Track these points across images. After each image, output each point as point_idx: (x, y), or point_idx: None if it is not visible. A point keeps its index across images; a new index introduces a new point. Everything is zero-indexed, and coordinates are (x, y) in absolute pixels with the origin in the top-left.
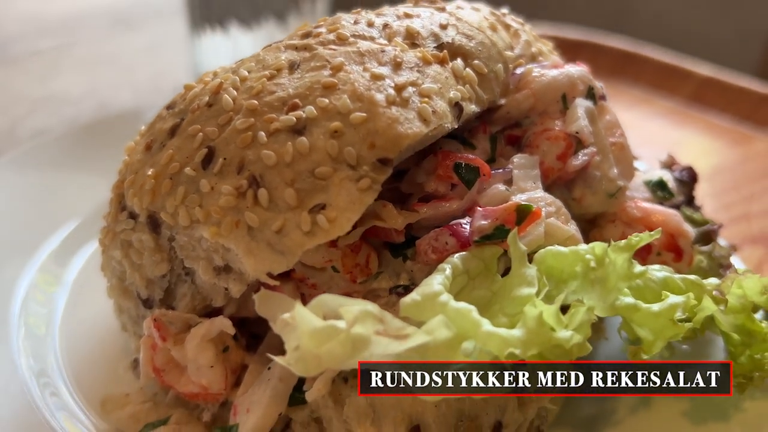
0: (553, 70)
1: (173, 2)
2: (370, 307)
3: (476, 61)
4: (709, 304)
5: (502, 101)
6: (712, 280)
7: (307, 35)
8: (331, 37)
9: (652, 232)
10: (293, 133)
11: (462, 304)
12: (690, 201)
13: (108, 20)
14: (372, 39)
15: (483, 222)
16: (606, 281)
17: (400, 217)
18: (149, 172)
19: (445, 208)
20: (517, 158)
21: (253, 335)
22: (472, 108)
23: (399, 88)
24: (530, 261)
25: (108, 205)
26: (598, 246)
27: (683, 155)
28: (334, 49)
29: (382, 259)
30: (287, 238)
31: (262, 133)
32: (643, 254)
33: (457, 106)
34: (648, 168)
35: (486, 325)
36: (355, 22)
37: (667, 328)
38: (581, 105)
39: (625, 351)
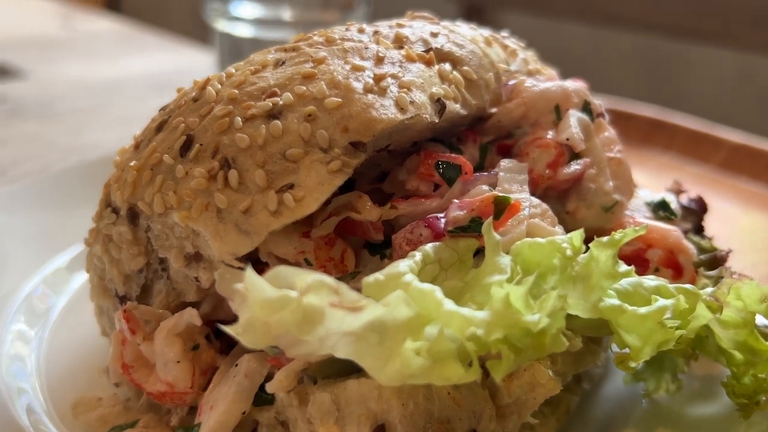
0: (548, 82)
1: (210, 68)
2: (327, 278)
3: (465, 67)
4: (704, 311)
5: (494, 110)
6: (708, 289)
7: (299, 40)
8: (320, 39)
9: (636, 228)
10: (269, 118)
11: (426, 285)
12: (698, 230)
13: (146, 84)
14: (360, 42)
15: (458, 212)
16: (588, 278)
17: (376, 210)
18: (132, 164)
19: (424, 205)
20: (505, 162)
21: (230, 344)
22: (456, 107)
23: (378, 78)
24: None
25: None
26: (576, 235)
27: (713, 219)
28: (319, 48)
29: (361, 259)
30: (254, 218)
31: (239, 119)
32: (640, 269)
33: (438, 102)
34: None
35: (448, 304)
36: (347, 29)
37: (655, 333)
38: (574, 115)
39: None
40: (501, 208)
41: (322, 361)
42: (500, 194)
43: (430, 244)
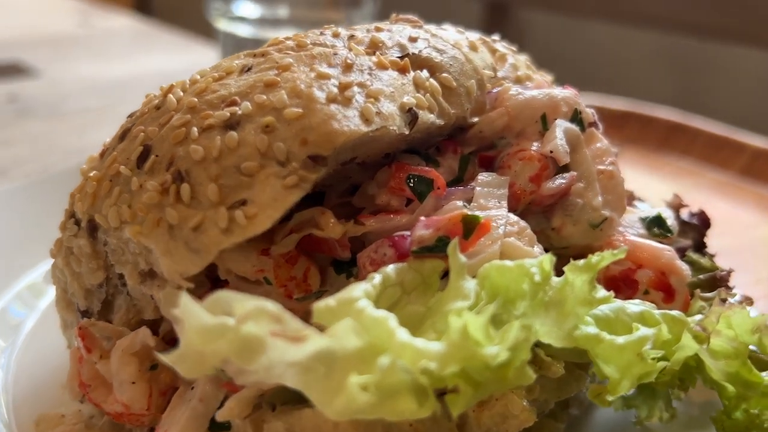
0: (534, 90)
1: None
2: (268, 304)
3: (444, 74)
4: (690, 342)
5: (475, 120)
6: (698, 316)
7: (271, 45)
8: (292, 44)
9: (615, 251)
10: (225, 129)
11: (380, 312)
12: (700, 247)
13: (157, 83)
14: (332, 47)
15: (424, 231)
16: (563, 305)
17: (339, 227)
18: (92, 175)
19: (393, 221)
20: (483, 176)
21: None
22: (430, 118)
23: (344, 87)
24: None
25: None
26: (545, 259)
27: (729, 228)
28: (287, 53)
29: (328, 278)
30: (204, 236)
31: (195, 129)
32: (628, 291)
33: (410, 112)
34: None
35: (401, 334)
36: (321, 33)
37: (634, 365)
38: (561, 125)
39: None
40: (470, 227)
41: (279, 387)
42: (469, 212)
43: (392, 266)
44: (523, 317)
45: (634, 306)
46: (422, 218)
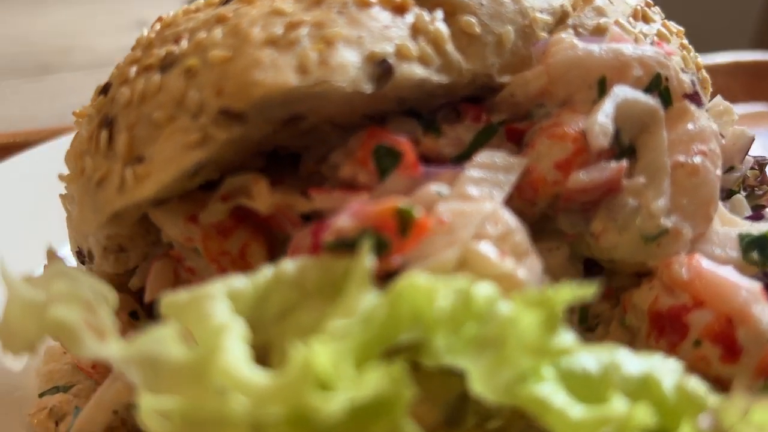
0: (595, 44)
1: None
2: (87, 289)
3: (466, 17)
4: None
5: (506, 78)
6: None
7: None
8: None
9: (586, 287)
10: (159, 70)
11: (227, 319)
12: None
13: None
14: None
15: (345, 222)
16: (502, 346)
17: (269, 199)
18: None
19: (343, 202)
20: (485, 156)
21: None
22: (418, 73)
23: (291, 26)
24: None
25: None
26: (463, 280)
27: None
28: None
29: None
30: (103, 193)
31: (134, 68)
32: (674, 337)
33: (382, 65)
34: None
35: (232, 353)
36: None
37: None
38: (618, 95)
39: None
40: (405, 225)
41: None
42: (404, 206)
43: (293, 260)
44: (449, 353)
45: (636, 362)
46: (353, 204)
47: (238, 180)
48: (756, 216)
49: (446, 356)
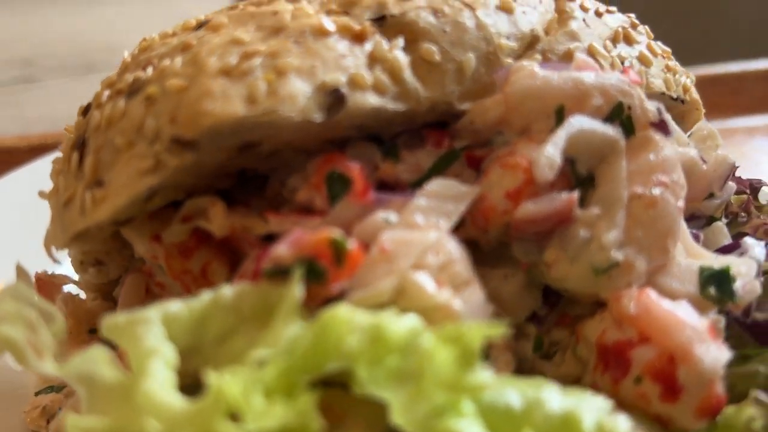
0: (556, 71)
1: None
2: (33, 310)
3: (427, 45)
4: None
5: (467, 106)
6: None
7: None
8: None
9: (488, 326)
10: (126, 96)
11: (156, 343)
12: None
13: None
14: (276, 4)
15: (283, 249)
16: (421, 380)
17: (224, 222)
18: None
19: (296, 226)
20: (435, 184)
21: None
22: (370, 101)
23: (246, 56)
24: None
25: None
26: (380, 315)
27: None
28: (241, 10)
29: None
30: (68, 214)
31: (107, 92)
32: (616, 372)
33: (334, 94)
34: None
35: (157, 377)
36: None
37: None
38: (573, 125)
39: None
40: (340, 255)
41: None
42: (338, 237)
43: (232, 285)
44: (373, 384)
45: (563, 401)
46: (295, 232)
47: (198, 202)
48: (732, 246)
49: (369, 387)
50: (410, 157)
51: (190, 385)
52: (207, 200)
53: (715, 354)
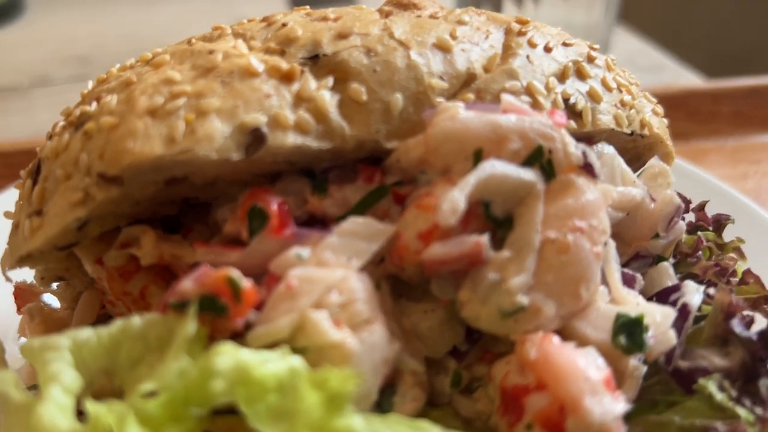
0: (480, 113)
1: None
2: None
3: (356, 85)
4: None
5: (394, 144)
6: None
7: (216, 29)
8: (217, 33)
9: (354, 373)
10: (73, 128)
11: (64, 367)
12: (751, 377)
13: None
14: (214, 43)
15: (188, 285)
16: (294, 419)
17: (152, 251)
18: None
19: (220, 257)
20: (349, 223)
21: None
22: (291, 139)
23: (172, 96)
24: None
25: None
26: (253, 356)
27: None
28: (189, 45)
29: None
30: (14, 238)
31: (61, 122)
32: (512, 417)
33: (254, 133)
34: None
35: (53, 401)
36: (264, 20)
37: None
38: (485, 169)
39: None
40: (237, 294)
41: None
42: (234, 277)
43: (142, 316)
44: (256, 416)
45: None
46: (203, 268)
47: (132, 230)
48: (671, 289)
49: (252, 421)
50: (338, 192)
51: None
52: (140, 229)
53: (607, 406)
